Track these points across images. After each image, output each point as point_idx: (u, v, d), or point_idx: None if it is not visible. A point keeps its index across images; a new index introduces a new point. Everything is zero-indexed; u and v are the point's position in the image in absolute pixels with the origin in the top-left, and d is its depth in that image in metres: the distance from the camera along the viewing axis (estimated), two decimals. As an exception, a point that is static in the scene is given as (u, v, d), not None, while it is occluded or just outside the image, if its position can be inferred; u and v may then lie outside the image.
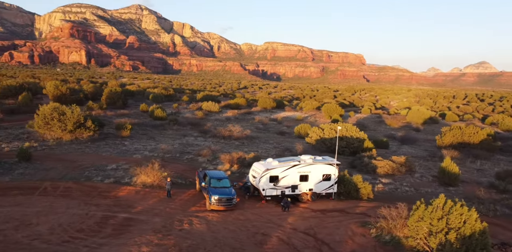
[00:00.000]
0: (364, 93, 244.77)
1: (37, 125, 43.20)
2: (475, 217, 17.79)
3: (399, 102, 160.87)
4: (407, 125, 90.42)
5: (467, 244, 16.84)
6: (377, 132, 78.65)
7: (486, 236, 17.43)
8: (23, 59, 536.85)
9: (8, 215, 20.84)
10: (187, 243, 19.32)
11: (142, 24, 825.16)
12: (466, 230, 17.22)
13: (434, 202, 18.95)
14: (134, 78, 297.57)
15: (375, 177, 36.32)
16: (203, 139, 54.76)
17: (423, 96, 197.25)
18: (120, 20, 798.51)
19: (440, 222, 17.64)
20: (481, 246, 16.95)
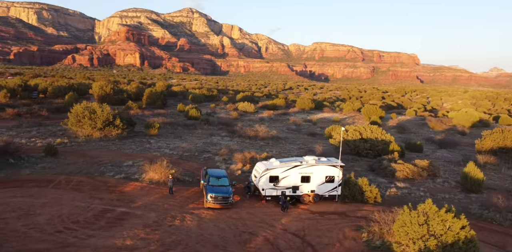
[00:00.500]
0: (416, 94, 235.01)
1: (70, 123, 46.22)
2: (461, 224, 16.78)
3: (453, 104, 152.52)
4: (452, 128, 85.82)
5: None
6: (417, 135, 75.57)
7: (472, 245, 16.39)
8: (84, 62, 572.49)
9: (17, 205, 22.66)
10: (172, 238, 19.94)
11: (193, 27, 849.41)
12: (448, 238, 16.29)
13: (419, 207, 18.10)
14: (182, 79, 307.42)
15: (391, 181, 35.02)
16: (229, 138, 55.55)
17: (480, 98, 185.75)
18: (172, 23, 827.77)
19: (421, 228, 16.83)
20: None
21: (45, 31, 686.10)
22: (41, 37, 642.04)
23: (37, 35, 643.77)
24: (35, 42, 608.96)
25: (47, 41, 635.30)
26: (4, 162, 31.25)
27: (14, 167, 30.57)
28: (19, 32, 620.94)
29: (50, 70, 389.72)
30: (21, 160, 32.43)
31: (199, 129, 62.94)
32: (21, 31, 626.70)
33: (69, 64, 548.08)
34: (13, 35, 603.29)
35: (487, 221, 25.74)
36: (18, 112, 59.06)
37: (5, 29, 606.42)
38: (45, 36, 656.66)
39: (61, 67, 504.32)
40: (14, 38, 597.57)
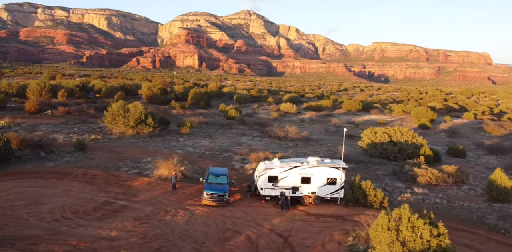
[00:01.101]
0: (484, 96, 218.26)
1: (106, 121, 49.40)
2: (436, 232, 15.80)
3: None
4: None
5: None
6: (469, 140, 70.86)
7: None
8: (147, 64, 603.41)
9: (30, 194, 24.91)
10: (155, 232, 20.81)
11: (250, 29, 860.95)
12: (416, 245, 15.44)
13: (393, 212, 17.29)
14: (237, 80, 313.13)
15: (410, 186, 33.33)
16: (259, 139, 56.01)
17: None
18: (229, 26, 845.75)
19: (389, 234, 16.11)
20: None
21: (113, 36, 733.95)
22: (110, 41, 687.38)
23: (106, 39, 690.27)
24: (105, 46, 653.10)
25: (115, 44, 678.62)
26: (36, 155, 34.38)
27: (43, 160, 33.50)
28: (91, 37, 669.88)
29: (116, 71, 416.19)
30: (51, 153, 35.43)
31: (234, 129, 64.01)
32: (93, 36, 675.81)
33: (134, 66, 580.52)
34: (86, 40, 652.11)
35: (500, 232, 23.73)
36: (69, 110, 64.07)
37: (80, 34, 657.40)
38: (113, 40, 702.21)
39: (126, 69, 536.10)
40: (87, 42, 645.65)
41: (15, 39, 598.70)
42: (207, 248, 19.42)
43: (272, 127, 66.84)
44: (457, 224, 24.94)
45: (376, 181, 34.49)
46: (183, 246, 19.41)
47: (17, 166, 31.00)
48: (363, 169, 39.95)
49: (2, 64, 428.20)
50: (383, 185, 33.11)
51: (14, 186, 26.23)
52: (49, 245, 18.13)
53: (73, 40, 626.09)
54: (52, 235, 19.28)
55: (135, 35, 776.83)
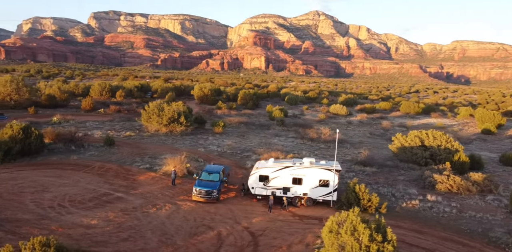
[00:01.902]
0: None
1: (143, 119, 52.62)
2: (379, 238, 15.06)
3: None
4: None
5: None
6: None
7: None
8: (216, 66, 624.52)
9: (42, 183, 27.73)
10: (133, 223, 22.10)
11: (318, 29, 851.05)
12: (354, 249, 14.86)
13: (341, 215, 16.70)
14: (301, 82, 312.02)
15: (425, 193, 31.20)
16: (292, 140, 55.82)
17: None
18: (297, 27, 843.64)
19: (331, 236, 15.68)
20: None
21: (186, 39, 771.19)
22: (183, 45, 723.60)
23: (180, 43, 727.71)
24: (178, 49, 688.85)
25: (187, 48, 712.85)
26: (67, 149, 37.93)
27: (71, 153, 36.87)
28: (166, 41, 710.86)
29: (187, 73, 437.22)
30: (81, 147, 38.81)
31: (271, 130, 64.34)
32: (167, 40, 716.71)
33: (203, 68, 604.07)
34: (161, 44, 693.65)
35: (499, 246, 21.48)
36: (119, 108, 69.16)
37: (156, 38, 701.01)
38: (186, 44, 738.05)
39: (196, 71, 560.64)
40: (162, 46, 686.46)
41: (101, 44, 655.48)
42: (172, 241, 20.23)
43: (310, 128, 66.19)
44: (453, 234, 23.07)
45: (390, 187, 32.93)
46: (151, 237, 20.42)
47: (45, 157, 34.56)
48: (385, 173, 38.16)
49: (89, 67, 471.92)
50: (394, 191, 31.46)
51: (33, 175, 29.37)
52: (31, 228, 20.22)
53: (150, 44, 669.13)
54: (39, 220, 21.43)
55: (206, 38, 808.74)
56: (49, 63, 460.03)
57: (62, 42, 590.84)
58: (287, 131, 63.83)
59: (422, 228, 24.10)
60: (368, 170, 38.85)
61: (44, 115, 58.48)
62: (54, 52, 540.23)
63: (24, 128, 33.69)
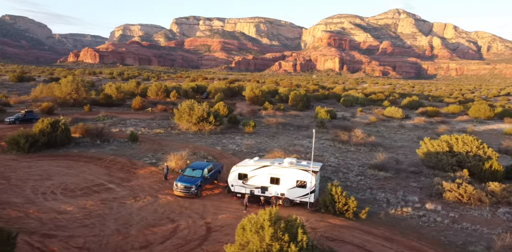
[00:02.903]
0: None
1: (175, 118, 55.32)
2: (286, 238, 14.82)
3: None
4: None
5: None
6: None
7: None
8: (288, 68, 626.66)
9: (50, 172, 30.85)
10: (103, 212, 23.72)
11: (398, 28, 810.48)
12: (254, 247, 14.80)
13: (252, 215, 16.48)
14: (375, 84, 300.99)
15: (427, 201, 28.81)
16: (323, 142, 54.73)
17: None
18: (375, 26, 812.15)
19: (240, 232, 15.70)
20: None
21: (260, 42, 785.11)
22: (257, 47, 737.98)
23: (254, 45, 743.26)
24: (252, 51, 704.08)
25: (261, 50, 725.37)
26: (92, 143, 41.52)
27: (94, 146, 40.30)
28: (241, 44, 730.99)
29: (258, 75, 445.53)
30: (105, 142, 42.19)
31: (306, 131, 63.45)
32: (242, 43, 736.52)
33: (276, 70, 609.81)
34: (236, 47, 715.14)
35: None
36: (166, 108, 73.29)
37: (231, 41, 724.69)
38: (260, 46, 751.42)
39: (268, 73, 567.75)
40: (237, 49, 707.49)
41: (181, 48, 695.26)
42: (128, 230, 21.43)
43: (350, 131, 63.98)
44: (425, 245, 21.28)
45: (390, 192, 31.01)
46: (110, 226, 21.82)
47: (68, 150, 38.27)
48: (400, 179, 35.87)
49: (168, 69, 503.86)
50: (391, 197, 29.57)
51: (47, 164, 32.82)
52: (12, 211, 22.80)
53: (225, 47, 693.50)
54: (24, 204, 24.05)
55: (280, 40, 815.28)
56: (134, 66, 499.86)
57: (147, 47, 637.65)
58: (323, 133, 62.50)
59: (394, 236, 22.49)
60: (381, 175, 36.80)
61: (95, 113, 64.21)
62: (140, 56, 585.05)
63: (52, 123, 37.65)
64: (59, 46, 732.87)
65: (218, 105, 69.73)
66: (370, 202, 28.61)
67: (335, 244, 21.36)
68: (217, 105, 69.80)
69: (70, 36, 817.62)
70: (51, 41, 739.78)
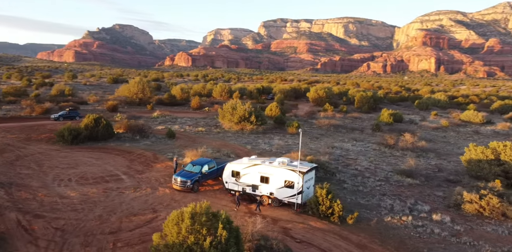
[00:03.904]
0: None
1: (220, 117, 57.16)
2: (204, 232, 15.24)
3: None
4: None
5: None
6: None
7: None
8: (377, 69, 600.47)
9: (78, 162, 34.35)
10: (99, 199, 25.81)
11: (509, 24, 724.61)
12: (171, 238, 15.40)
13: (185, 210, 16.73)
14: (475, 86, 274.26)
15: (437, 211, 25.98)
16: (368, 145, 52.20)
17: None
18: (480, 22, 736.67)
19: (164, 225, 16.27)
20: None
21: (349, 42, 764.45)
22: (344, 48, 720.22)
23: (342, 46, 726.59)
24: (339, 52, 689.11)
25: (349, 51, 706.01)
26: (132, 137, 45.05)
27: (133, 141, 43.70)
28: (328, 45, 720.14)
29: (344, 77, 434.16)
30: (144, 138, 45.46)
31: (358, 134, 60.86)
32: (329, 44, 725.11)
33: (364, 72, 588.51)
34: (323, 48, 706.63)
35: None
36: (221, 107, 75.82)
37: (318, 43, 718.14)
38: (348, 47, 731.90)
39: (356, 74, 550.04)
40: (323, 50, 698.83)
41: (267, 50, 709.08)
42: (109, 217, 23.16)
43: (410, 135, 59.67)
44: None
45: (400, 200, 28.58)
46: (96, 212, 23.74)
47: (106, 143, 42.09)
48: (426, 187, 32.86)
49: (254, 71, 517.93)
50: (397, 204, 27.28)
51: (81, 155, 36.62)
52: (24, 193, 26.11)
53: (312, 49, 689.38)
54: (38, 188, 27.32)
55: (369, 40, 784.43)
56: (222, 69, 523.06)
57: (235, 50, 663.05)
58: (375, 136, 59.37)
59: (370, 244, 20.91)
60: (406, 181, 34.00)
61: (155, 111, 69.24)
62: (228, 59, 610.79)
63: (96, 118, 41.82)
64: (158, 51, 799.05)
65: (271, 106, 70.23)
66: (372, 208, 26.76)
67: (299, 245, 20.67)
68: (270, 106, 70.34)
69: (168, 42, 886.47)
70: (151, 47, 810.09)
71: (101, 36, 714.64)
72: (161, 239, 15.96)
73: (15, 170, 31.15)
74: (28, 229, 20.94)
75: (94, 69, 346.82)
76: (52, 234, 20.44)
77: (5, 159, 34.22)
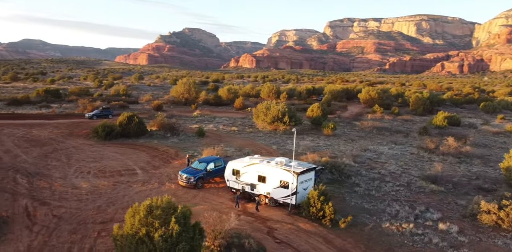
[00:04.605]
0: None
1: (254, 117, 57.42)
2: (156, 225, 15.81)
3: None
4: None
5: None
6: None
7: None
8: (453, 69, 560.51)
9: (104, 156, 36.63)
10: (106, 191, 27.34)
11: None
12: (127, 228, 16.03)
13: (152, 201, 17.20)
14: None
15: (448, 220, 23.82)
16: (408, 149, 49.39)
17: None
18: None
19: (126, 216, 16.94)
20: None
21: (421, 41, 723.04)
22: (416, 47, 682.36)
23: (413, 45, 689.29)
24: (410, 52, 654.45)
25: (421, 50, 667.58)
26: (163, 135, 46.99)
27: (161, 138, 45.59)
28: (398, 44, 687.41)
29: (414, 78, 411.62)
30: (174, 135, 47.17)
31: (401, 138, 57.53)
32: (399, 43, 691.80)
33: (437, 72, 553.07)
34: (392, 47, 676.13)
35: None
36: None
37: (387, 42, 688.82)
38: (420, 46, 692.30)
39: (428, 75, 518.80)
40: (393, 50, 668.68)
41: (332, 51, 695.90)
42: (107, 208, 24.49)
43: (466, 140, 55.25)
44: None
45: (409, 206, 26.64)
46: (97, 202, 25.22)
47: (137, 139, 44.33)
48: (450, 195, 30.32)
49: (317, 72, 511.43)
50: (403, 211, 25.47)
51: (108, 150, 39.05)
52: (43, 181, 28.55)
53: (380, 49, 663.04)
54: (57, 178, 29.67)
55: (445, 38, 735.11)
56: (285, 70, 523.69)
57: (299, 51, 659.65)
58: (420, 140, 55.80)
59: (354, 250, 19.97)
60: (430, 187, 31.57)
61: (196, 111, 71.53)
62: (292, 60, 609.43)
63: (129, 116, 44.34)
64: (225, 53, 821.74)
65: (312, 107, 69.06)
66: (375, 213, 25.28)
67: (277, 246, 20.30)
68: (312, 106, 69.18)
69: (234, 44, 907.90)
70: (218, 49, 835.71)
71: (172, 39, 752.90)
72: (119, 230, 16.60)
73: (46, 162, 34.14)
74: (31, 215, 22.90)
75: (163, 71, 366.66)
76: (49, 221, 22.15)
77: (43, 152, 37.66)
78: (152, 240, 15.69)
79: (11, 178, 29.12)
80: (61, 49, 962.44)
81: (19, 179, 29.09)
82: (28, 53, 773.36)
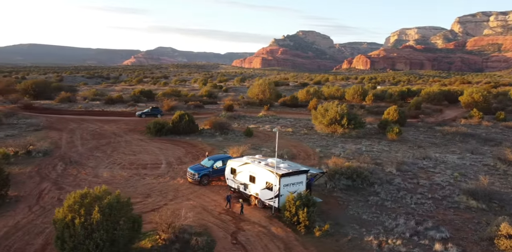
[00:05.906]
0: None
1: (313, 118, 55.32)
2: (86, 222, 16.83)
3: None
4: None
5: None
6: None
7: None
8: None
9: (143, 150, 39.43)
10: (118, 181, 29.54)
11: None
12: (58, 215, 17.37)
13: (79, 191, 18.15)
14: None
15: (454, 240, 19.80)
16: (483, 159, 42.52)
17: None
18: None
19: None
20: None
21: None
22: None
23: None
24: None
25: None
26: (212, 133, 48.55)
27: (207, 136, 47.18)
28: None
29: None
30: (223, 134, 48.30)
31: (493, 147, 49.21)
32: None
33: None
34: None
35: None
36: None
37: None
38: None
39: None
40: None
41: (461, 49, 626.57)
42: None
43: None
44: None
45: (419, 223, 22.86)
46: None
47: (184, 136, 46.54)
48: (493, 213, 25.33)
49: (440, 73, 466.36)
50: (403, 226, 22.02)
51: (152, 145, 41.91)
52: (75, 169, 32.18)
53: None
54: (88, 167, 33.06)
55: None
56: (402, 71, 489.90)
57: (420, 50, 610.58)
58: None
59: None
60: (468, 204, 26.65)
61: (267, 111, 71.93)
62: (412, 60, 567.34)
63: (181, 115, 47.05)
64: (338, 54, 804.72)
65: (389, 109, 63.69)
66: (368, 225, 22.52)
67: (230, 246, 19.92)
68: (388, 109, 63.84)
69: (349, 45, 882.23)
70: (331, 51, 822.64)
71: (285, 43, 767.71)
72: (56, 215, 17.93)
73: (92, 153, 38.37)
74: (41, 196, 26.09)
75: (272, 74, 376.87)
76: (50, 203, 24.94)
77: (97, 144, 42.39)
78: (74, 225, 16.64)
79: (52, 165, 33.54)
80: (187, 55, 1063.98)
81: (58, 166, 33.33)
82: (161, 59, 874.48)
